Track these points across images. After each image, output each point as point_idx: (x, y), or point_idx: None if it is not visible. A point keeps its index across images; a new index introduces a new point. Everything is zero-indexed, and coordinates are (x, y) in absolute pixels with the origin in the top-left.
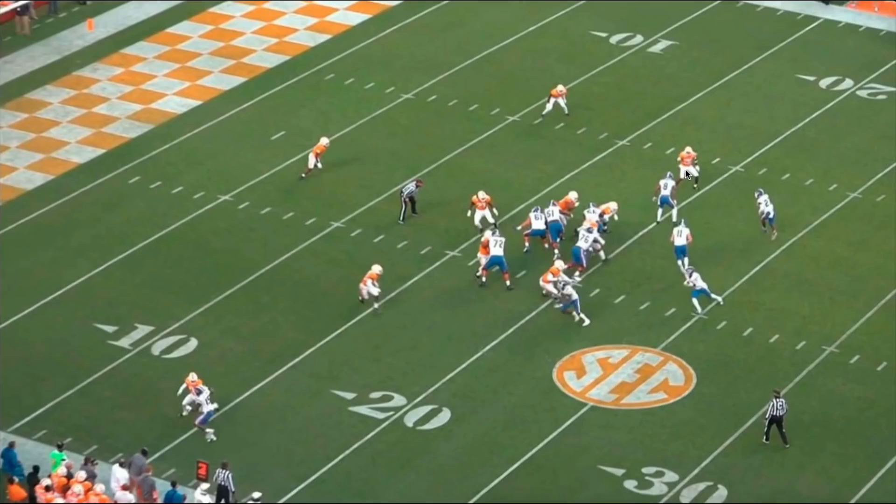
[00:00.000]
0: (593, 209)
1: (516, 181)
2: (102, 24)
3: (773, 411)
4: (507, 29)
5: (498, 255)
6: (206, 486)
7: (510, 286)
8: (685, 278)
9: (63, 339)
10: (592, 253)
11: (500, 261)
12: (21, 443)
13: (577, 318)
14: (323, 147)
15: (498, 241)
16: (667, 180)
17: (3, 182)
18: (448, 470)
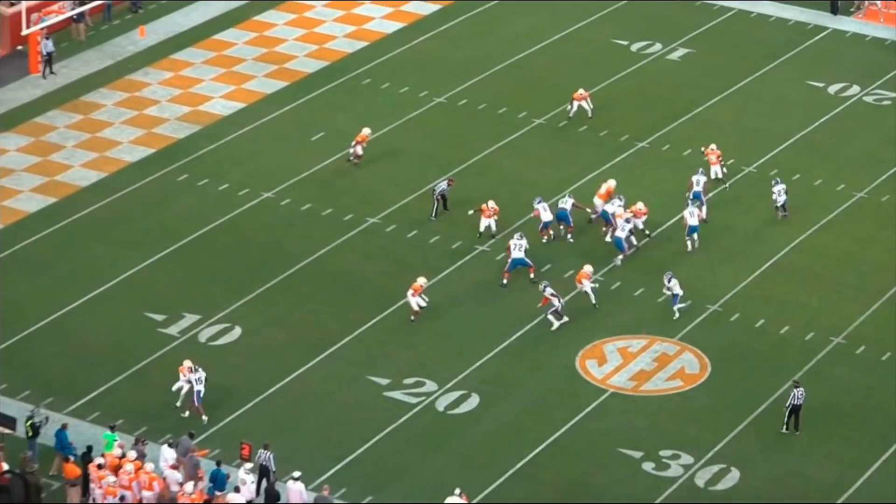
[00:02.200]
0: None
1: (542, 180)
2: (153, 31)
3: (793, 401)
4: (533, 37)
5: (519, 258)
6: (248, 466)
7: (534, 279)
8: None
9: (115, 327)
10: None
11: (523, 262)
12: (75, 424)
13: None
14: (365, 136)
15: (518, 245)
16: (699, 177)
17: (59, 179)
18: (476, 452)
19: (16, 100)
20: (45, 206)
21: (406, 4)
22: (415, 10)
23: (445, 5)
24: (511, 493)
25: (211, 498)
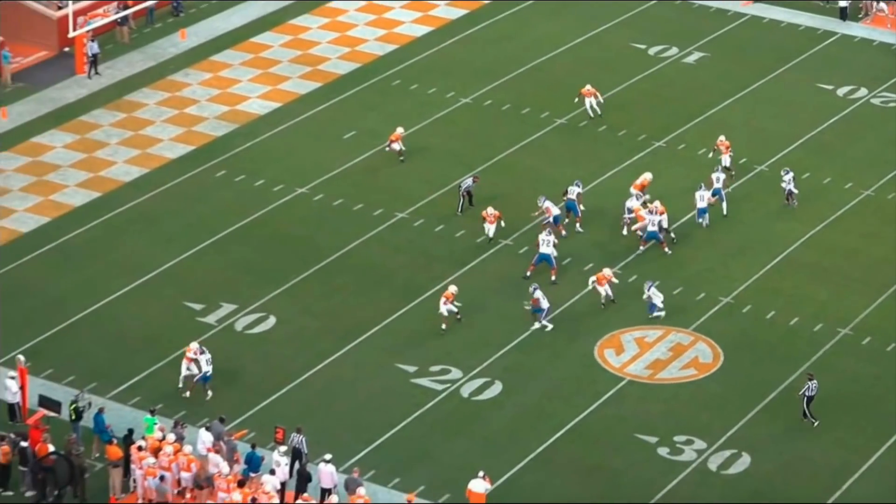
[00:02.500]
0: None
1: (563, 178)
2: (194, 33)
3: (808, 392)
4: (555, 41)
5: (545, 253)
6: (283, 449)
7: (555, 281)
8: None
9: (156, 315)
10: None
11: (548, 258)
12: (117, 408)
13: (542, 325)
14: (398, 135)
15: (546, 241)
16: (718, 174)
17: (104, 175)
18: (499, 436)
19: (63, 99)
20: (90, 200)
21: (434, 9)
22: (443, 14)
23: (472, 10)
24: (531, 475)
25: (246, 479)
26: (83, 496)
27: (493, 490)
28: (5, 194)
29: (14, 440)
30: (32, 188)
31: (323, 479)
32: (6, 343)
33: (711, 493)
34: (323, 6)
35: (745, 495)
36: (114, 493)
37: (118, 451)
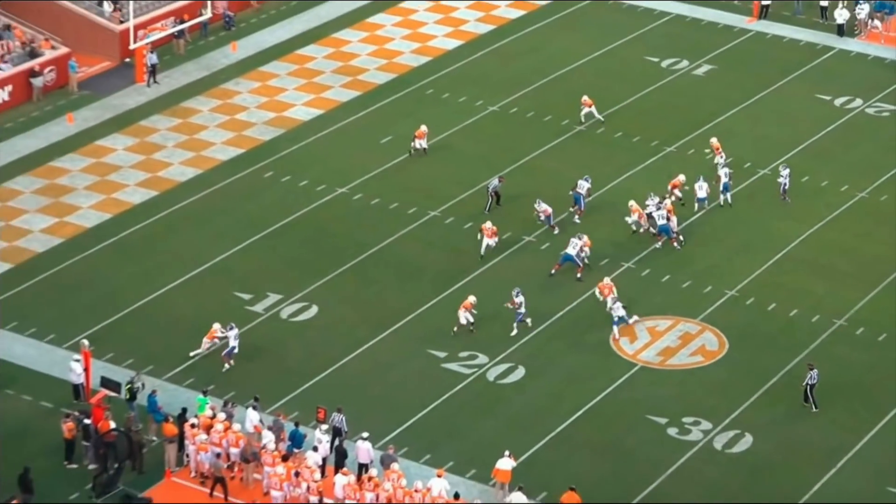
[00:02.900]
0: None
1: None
2: (244, 46)
3: (809, 381)
4: (576, 54)
5: (569, 254)
6: (324, 428)
7: (580, 278)
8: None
9: (207, 304)
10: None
11: (571, 258)
12: (172, 389)
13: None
14: (422, 132)
15: (574, 243)
16: (725, 170)
17: (161, 175)
18: (522, 417)
19: (124, 105)
20: (148, 199)
21: (465, 24)
22: (472, 29)
23: (499, 26)
24: (551, 453)
25: (290, 454)
26: (140, 469)
27: (516, 466)
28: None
29: (78, 417)
30: (95, 187)
31: (360, 455)
32: (71, 329)
33: (716, 471)
34: (362, 22)
35: (747, 472)
36: (169, 467)
37: (173, 429)
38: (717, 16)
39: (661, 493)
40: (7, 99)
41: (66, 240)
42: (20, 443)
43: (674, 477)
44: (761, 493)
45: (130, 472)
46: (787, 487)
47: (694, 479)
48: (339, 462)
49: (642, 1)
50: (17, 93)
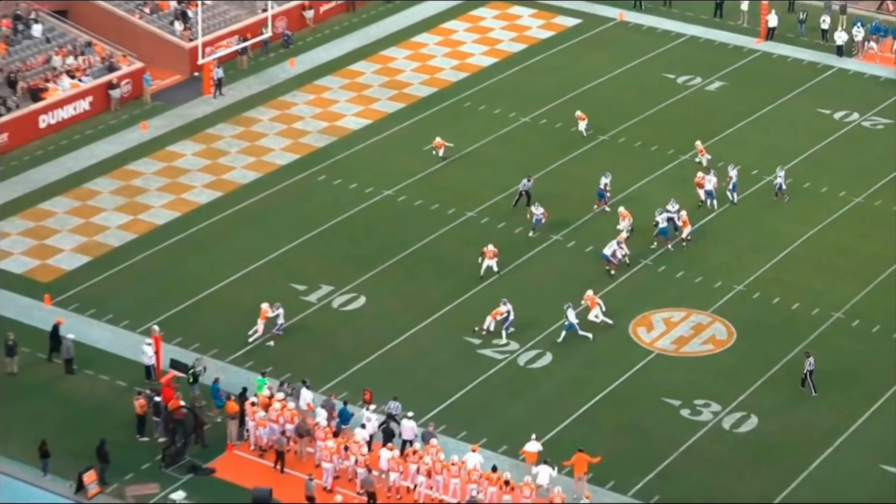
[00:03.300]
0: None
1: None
2: (301, 62)
3: (808, 367)
4: (600, 71)
5: (605, 253)
6: (372, 408)
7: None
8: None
9: (266, 295)
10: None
11: (605, 256)
12: (234, 370)
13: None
14: (439, 143)
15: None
16: (733, 172)
17: (225, 178)
18: (549, 398)
19: (192, 115)
20: (213, 199)
21: (499, 44)
22: (506, 48)
23: (530, 45)
24: (575, 431)
25: (339, 431)
26: (203, 443)
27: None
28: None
29: (149, 395)
30: (166, 188)
31: (405, 432)
32: (143, 316)
33: (724, 449)
34: (408, 40)
35: (752, 450)
36: (231, 441)
37: (235, 406)
38: (728, 37)
39: (675, 468)
40: (88, 108)
41: (139, 235)
42: (97, 418)
43: (686, 454)
44: (765, 470)
45: (195, 445)
46: (788, 464)
47: (704, 456)
48: (387, 440)
49: (661, 23)
50: (96, 103)
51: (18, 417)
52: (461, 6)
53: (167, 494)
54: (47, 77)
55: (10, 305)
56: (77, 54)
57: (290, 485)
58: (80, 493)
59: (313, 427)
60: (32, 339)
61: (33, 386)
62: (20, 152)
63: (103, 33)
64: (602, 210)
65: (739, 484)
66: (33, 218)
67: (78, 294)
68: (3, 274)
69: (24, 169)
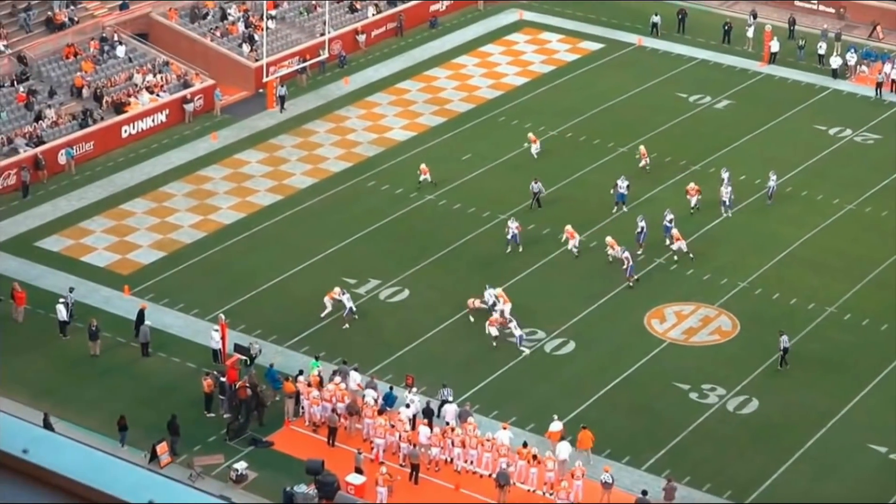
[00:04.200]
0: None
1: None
2: (354, 81)
3: (784, 344)
4: (620, 90)
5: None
6: (414, 390)
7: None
8: (509, 326)
9: (321, 286)
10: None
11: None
12: (291, 354)
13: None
14: (425, 169)
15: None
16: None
17: (285, 183)
18: (572, 383)
19: (257, 127)
20: (275, 202)
21: (531, 65)
22: (537, 69)
23: (558, 66)
24: (595, 412)
25: (384, 410)
26: (261, 421)
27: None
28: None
29: (216, 376)
30: (233, 192)
31: (447, 415)
32: (211, 305)
33: (728, 428)
34: (450, 62)
35: (754, 429)
36: (288, 417)
37: (292, 387)
38: (735, 61)
39: (684, 446)
40: (164, 120)
41: (208, 234)
42: (169, 395)
43: (694, 433)
44: (765, 448)
45: (255, 422)
46: (786, 442)
47: (710, 435)
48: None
49: (674, 48)
50: (172, 115)
51: (99, 395)
52: (497, 32)
53: (231, 464)
54: (129, 92)
55: (93, 295)
56: (156, 72)
57: (341, 457)
58: (153, 462)
59: (362, 406)
60: (113, 325)
61: (113, 367)
62: (104, 159)
63: (179, 54)
64: (621, 212)
65: (741, 460)
66: (115, 217)
67: (153, 285)
68: (87, 267)
69: (108, 174)
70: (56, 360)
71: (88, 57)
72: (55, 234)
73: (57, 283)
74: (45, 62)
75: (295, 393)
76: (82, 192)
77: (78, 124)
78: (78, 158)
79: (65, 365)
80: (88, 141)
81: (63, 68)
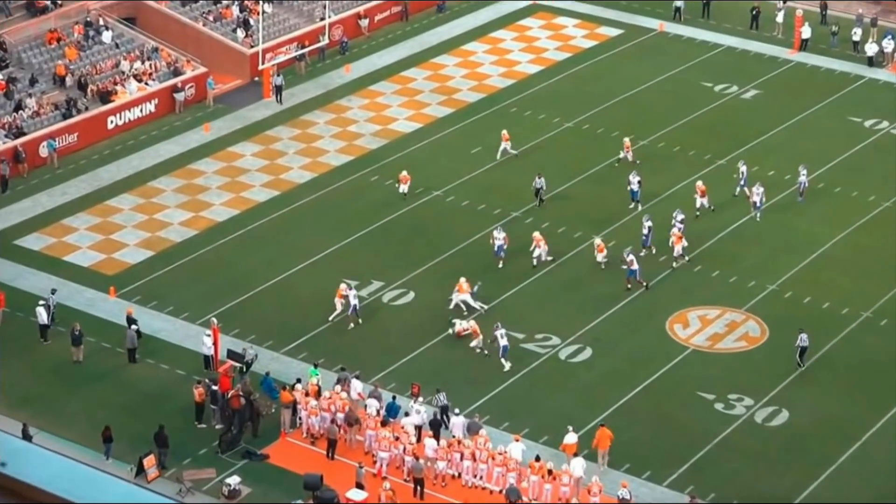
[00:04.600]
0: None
1: (644, 186)
2: (356, 68)
3: (801, 343)
4: (640, 79)
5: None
6: (420, 400)
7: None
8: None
9: (320, 289)
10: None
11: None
12: (287, 361)
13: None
14: (405, 178)
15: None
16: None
17: (282, 177)
18: (589, 391)
19: (252, 117)
20: (271, 198)
21: (545, 52)
22: (551, 56)
23: (575, 53)
24: (614, 423)
25: (387, 422)
26: (256, 432)
27: (581, 434)
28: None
29: (208, 384)
30: (226, 187)
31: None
32: (203, 308)
33: (757, 441)
34: (458, 49)
35: (783, 443)
36: (284, 428)
37: (289, 396)
38: (763, 48)
39: (709, 459)
40: (153, 110)
41: (200, 232)
42: (157, 405)
43: (719, 446)
44: (795, 462)
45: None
46: (818, 457)
47: (737, 449)
48: (436, 432)
49: (699, 34)
50: (162, 105)
51: (82, 404)
52: (509, 16)
53: (223, 479)
54: (116, 80)
55: (76, 297)
56: (144, 59)
57: (341, 471)
58: (139, 476)
59: (362, 416)
60: (97, 329)
61: (97, 374)
62: (89, 151)
63: (169, 39)
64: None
65: (770, 476)
66: (100, 214)
67: (141, 287)
68: (70, 267)
69: (93, 167)
70: (36, 367)
71: (72, 42)
72: (36, 232)
73: (37, 284)
74: (25, 48)
75: (292, 402)
76: (65, 187)
77: (61, 114)
78: (61, 151)
79: (45, 372)
80: (72, 132)
81: (45, 55)
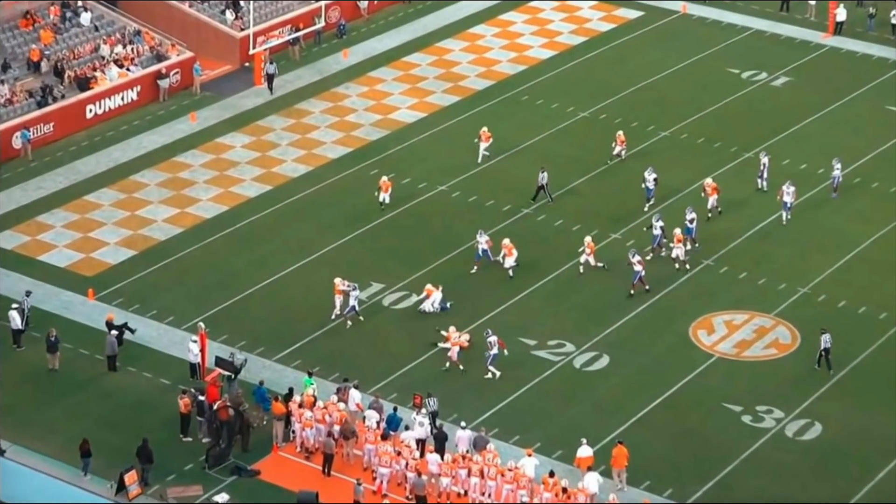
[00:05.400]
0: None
1: (666, 181)
2: (354, 53)
3: (824, 344)
4: (660, 65)
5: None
6: (423, 412)
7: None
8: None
9: (315, 291)
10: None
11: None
12: (280, 369)
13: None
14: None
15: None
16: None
17: (275, 171)
18: (605, 402)
19: (242, 106)
20: (263, 193)
21: (558, 36)
22: (566, 41)
23: (590, 37)
24: (633, 437)
25: (388, 435)
26: (246, 447)
27: (597, 449)
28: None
29: (194, 394)
30: (214, 181)
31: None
32: (189, 312)
33: (787, 456)
34: (465, 32)
35: (816, 458)
36: (276, 442)
37: (282, 407)
38: (794, 31)
39: (736, 475)
40: (136, 98)
41: (186, 229)
42: (140, 416)
43: (747, 461)
44: (829, 479)
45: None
46: (854, 473)
47: (766, 464)
48: (440, 446)
49: (725, 16)
50: (144, 93)
51: (59, 415)
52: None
53: (210, 497)
54: (95, 66)
55: (52, 300)
56: (126, 43)
57: (338, 488)
58: (120, 493)
59: (360, 428)
60: (75, 335)
61: (75, 383)
62: (66, 143)
63: (153, 22)
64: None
65: (803, 493)
66: (78, 210)
67: (122, 289)
68: (46, 267)
69: (70, 160)
70: (8, 375)
71: (47, 25)
72: (9, 230)
73: (10, 285)
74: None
75: (285, 414)
76: (40, 181)
77: (35, 103)
78: (35, 142)
79: (19, 380)
80: (47, 122)
81: (18, 38)
